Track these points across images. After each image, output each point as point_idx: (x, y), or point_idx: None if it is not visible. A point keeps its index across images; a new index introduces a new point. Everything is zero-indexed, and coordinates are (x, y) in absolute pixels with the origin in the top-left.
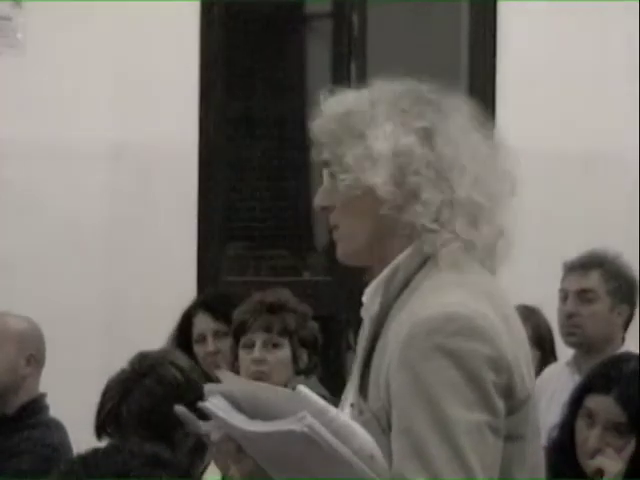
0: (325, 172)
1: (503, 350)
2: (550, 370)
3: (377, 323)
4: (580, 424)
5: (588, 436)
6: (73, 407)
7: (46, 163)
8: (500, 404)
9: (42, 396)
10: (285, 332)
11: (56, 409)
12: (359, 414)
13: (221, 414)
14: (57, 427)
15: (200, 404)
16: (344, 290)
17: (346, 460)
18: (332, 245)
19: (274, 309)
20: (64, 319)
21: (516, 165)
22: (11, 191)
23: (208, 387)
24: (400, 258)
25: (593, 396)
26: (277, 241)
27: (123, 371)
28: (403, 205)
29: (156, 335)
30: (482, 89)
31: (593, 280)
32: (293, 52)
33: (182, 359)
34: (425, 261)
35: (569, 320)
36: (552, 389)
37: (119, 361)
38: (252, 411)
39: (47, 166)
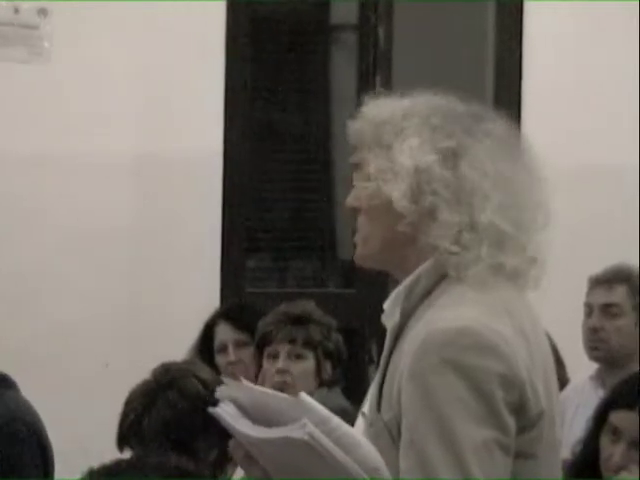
0: (355, 174)
1: (516, 367)
2: (574, 385)
3: (396, 333)
4: (604, 440)
5: (612, 452)
6: (95, 418)
7: (70, 174)
8: (510, 422)
9: None
10: (309, 344)
11: (78, 420)
12: (369, 426)
13: (228, 420)
14: None
15: (210, 409)
16: (367, 302)
17: (347, 469)
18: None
19: (299, 321)
20: (87, 330)
21: (551, 195)
22: (34, 202)
23: (219, 392)
24: (422, 268)
25: (618, 412)
26: (301, 253)
27: (145, 383)
28: (419, 224)
29: (179, 346)
30: (508, 101)
31: (619, 295)
32: (318, 64)
33: (205, 371)
34: (446, 274)
35: (594, 335)
36: (576, 404)
37: (142, 372)
38: (258, 417)
39: (71, 177)
